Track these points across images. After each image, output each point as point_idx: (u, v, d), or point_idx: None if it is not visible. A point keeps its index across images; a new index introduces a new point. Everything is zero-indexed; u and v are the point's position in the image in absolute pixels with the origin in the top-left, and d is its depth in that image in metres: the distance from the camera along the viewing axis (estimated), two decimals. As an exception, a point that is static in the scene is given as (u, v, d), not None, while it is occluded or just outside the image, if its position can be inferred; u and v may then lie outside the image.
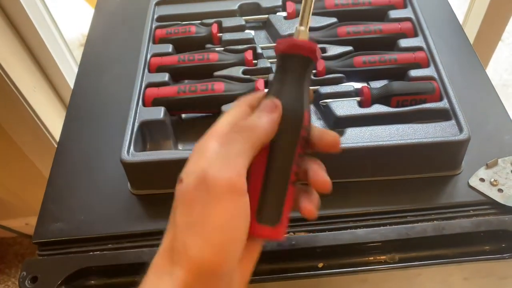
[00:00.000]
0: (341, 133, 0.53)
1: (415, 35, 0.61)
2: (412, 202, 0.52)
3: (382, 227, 0.51)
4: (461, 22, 0.71)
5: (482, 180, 0.53)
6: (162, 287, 0.31)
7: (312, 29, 0.63)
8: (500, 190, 0.52)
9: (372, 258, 0.50)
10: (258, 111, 0.35)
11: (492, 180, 0.53)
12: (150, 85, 0.59)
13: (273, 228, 0.34)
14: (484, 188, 0.52)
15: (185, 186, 0.32)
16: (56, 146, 0.61)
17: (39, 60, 1.06)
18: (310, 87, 0.38)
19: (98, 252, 0.51)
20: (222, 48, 0.63)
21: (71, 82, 1.12)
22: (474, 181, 0.53)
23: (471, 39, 1.07)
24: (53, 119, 1.11)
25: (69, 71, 1.12)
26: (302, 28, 0.36)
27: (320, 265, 0.50)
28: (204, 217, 0.31)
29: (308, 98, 0.36)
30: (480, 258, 0.50)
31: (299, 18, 0.36)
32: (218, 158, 0.32)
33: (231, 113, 0.36)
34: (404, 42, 0.60)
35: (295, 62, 0.35)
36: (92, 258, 0.51)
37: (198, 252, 0.30)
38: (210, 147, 0.33)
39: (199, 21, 0.66)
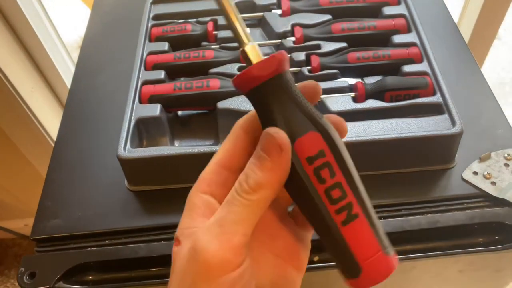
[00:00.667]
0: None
1: (409, 31, 0.62)
2: (407, 196, 0.53)
3: (376, 221, 0.51)
4: (456, 22, 0.72)
5: (475, 173, 0.53)
6: None
7: (307, 26, 0.64)
8: (493, 183, 0.52)
9: (367, 251, 0.51)
10: (258, 156, 0.27)
11: (485, 173, 0.53)
12: (146, 82, 0.59)
13: (358, 279, 0.28)
14: (478, 181, 0.53)
15: (182, 255, 0.27)
16: (53, 146, 0.62)
17: (37, 61, 1.07)
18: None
19: (96, 248, 0.52)
20: (218, 46, 0.63)
21: (68, 83, 1.12)
22: (467, 175, 0.53)
23: (467, 38, 1.07)
24: (50, 120, 1.11)
25: (67, 72, 1.13)
26: (249, 45, 0.28)
27: (316, 258, 0.50)
28: None
29: (312, 114, 0.27)
30: (474, 250, 0.51)
31: (236, 38, 0.29)
32: (213, 224, 0.26)
33: (221, 149, 0.29)
34: (397, 38, 0.61)
35: (275, 85, 0.27)
36: (89, 254, 0.51)
37: None
38: (197, 203, 0.28)
39: (195, 19, 0.67)
